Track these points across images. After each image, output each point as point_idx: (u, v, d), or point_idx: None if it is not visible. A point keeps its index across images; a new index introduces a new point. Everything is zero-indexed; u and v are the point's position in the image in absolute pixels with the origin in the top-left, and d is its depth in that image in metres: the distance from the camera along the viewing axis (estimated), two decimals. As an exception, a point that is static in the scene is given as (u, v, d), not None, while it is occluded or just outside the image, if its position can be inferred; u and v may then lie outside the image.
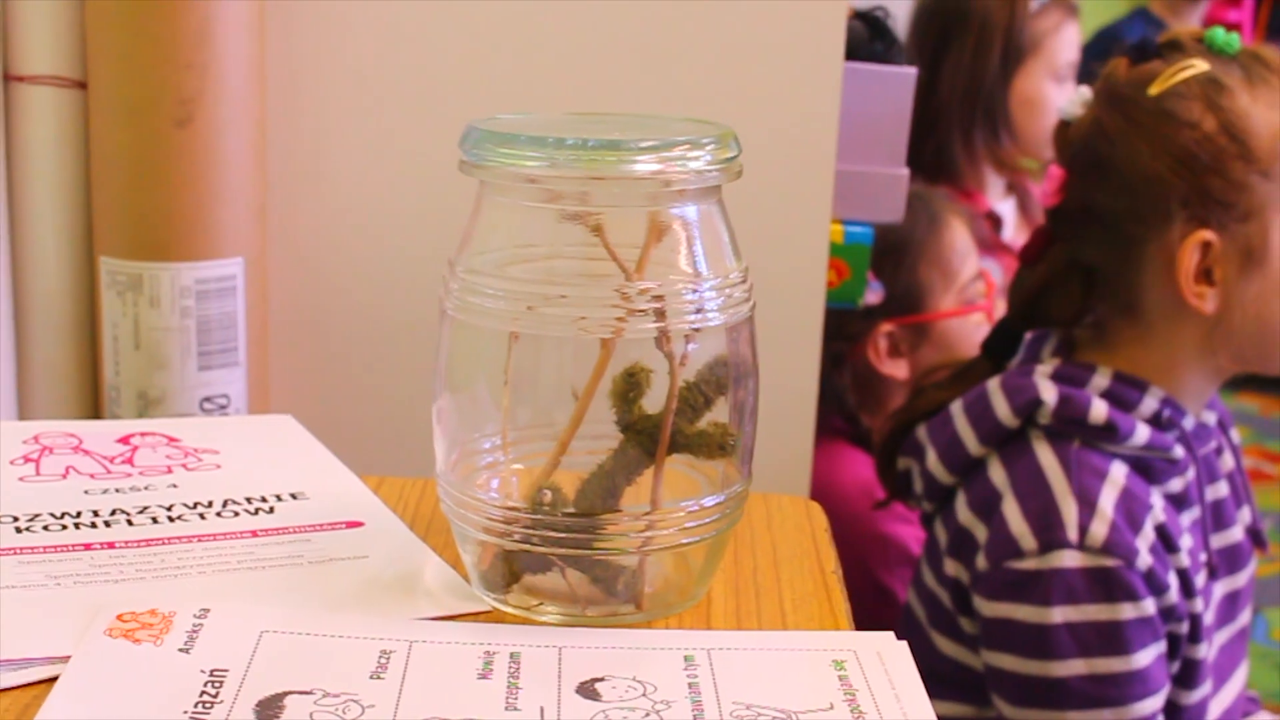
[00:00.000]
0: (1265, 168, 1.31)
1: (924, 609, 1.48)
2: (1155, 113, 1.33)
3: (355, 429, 1.31)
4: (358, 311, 1.33)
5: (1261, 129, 1.31)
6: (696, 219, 0.82)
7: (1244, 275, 1.34)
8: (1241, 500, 1.50)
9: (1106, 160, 1.36)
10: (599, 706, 0.72)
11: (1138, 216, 1.35)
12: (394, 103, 1.29)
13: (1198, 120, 1.31)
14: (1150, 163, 1.33)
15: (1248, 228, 1.32)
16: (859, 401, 1.83)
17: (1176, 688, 1.38)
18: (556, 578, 0.83)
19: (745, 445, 0.85)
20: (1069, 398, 1.35)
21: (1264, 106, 1.32)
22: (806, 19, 1.28)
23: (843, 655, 0.78)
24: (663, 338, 0.81)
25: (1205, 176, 1.31)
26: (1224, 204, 1.32)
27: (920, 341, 1.84)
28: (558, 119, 0.89)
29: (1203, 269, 1.33)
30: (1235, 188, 1.31)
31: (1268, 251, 1.33)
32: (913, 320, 1.82)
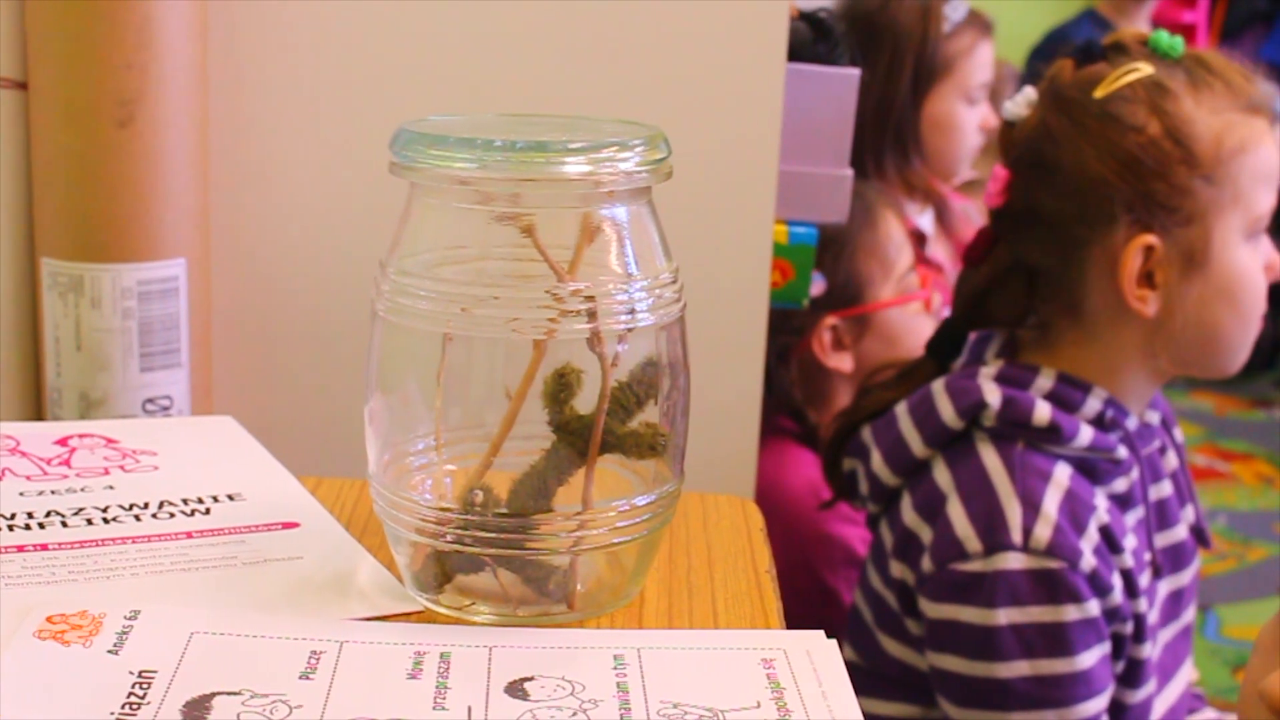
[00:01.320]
0: (1208, 172, 1.32)
1: (870, 610, 1.49)
2: (1100, 116, 1.34)
3: (299, 430, 1.31)
4: (302, 313, 1.33)
5: (1204, 133, 1.32)
6: (627, 220, 0.83)
7: (1185, 279, 1.35)
8: (1185, 499, 1.51)
9: (1051, 162, 1.37)
10: (526, 706, 0.72)
11: (1082, 219, 1.35)
12: (337, 104, 1.29)
13: (1142, 124, 1.32)
14: (1095, 165, 1.34)
15: (1190, 232, 1.33)
16: (805, 396, 1.84)
17: (1121, 687, 1.39)
18: (488, 578, 0.83)
19: (677, 445, 0.85)
20: (1013, 400, 1.35)
21: (1207, 111, 1.33)
22: (749, 20, 1.29)
23: (772, 654, 0.78)
24: (594, 338, 0.81)
25: (1149, 181, 1.32)
26: (1167, 208, 1.33)
27: (863, 333, 1.85)
28: (489, 120, 0.89)
29: (1144, 272, 1.34)
30: (1178, 192, 1.32)
31: (1209, 256, 1.34)
32: (855, 312, 1.83)
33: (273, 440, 1.09)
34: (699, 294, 1.35)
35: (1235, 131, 1.33)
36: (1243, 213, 1.35)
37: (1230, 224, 1.34)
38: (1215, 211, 1.33)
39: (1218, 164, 1.33)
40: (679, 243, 1.32)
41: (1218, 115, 1.33)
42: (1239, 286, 1.36)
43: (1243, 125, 1.34)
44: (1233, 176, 1.33)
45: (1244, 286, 1.36)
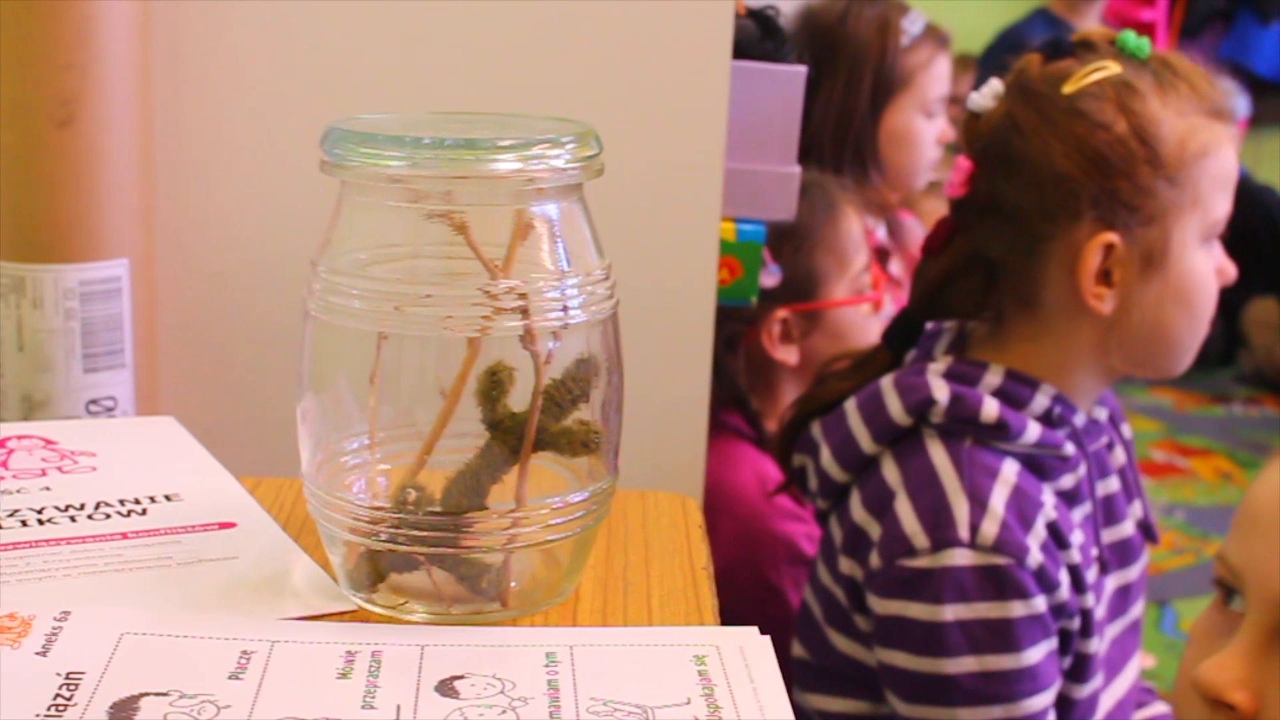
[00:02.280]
0: (1171, 174, 1.33)
1: (820, 606, 1.49)
2: (1069, 111, 1.34)
3: (245, 429, 1.30)
4: (249, 312, 1.33)
5: (1169, 135, 1.33)
6: (559, 217, 0.82)
7: (1142, 279, 1.35)
8: (1133, 495, 1.52)
9: (1017, 154, 1.36)
10: (456, 704, 0.72)
11: (1044, 213, 1.35)
12: (281, 104, 1.29)
13: (1110, 122, 1.32)
14: (1061, 161, 1.34)
15: (1150, 232, 1.34)
16: (749, 385, 1.84)
17: (1068, 682, 1.39)
18: (422, 576, 0.83)
19: (611, 442, 0.85)
20: (960, 396, 1.35)
21: (1173, 113, 1.34)
22: (694, 18, 1.29)
23: (705, 651, 0.78)
24: (527, 336, 0.81)
25: (1114, 179, 1.32)
26: (1129, 207, 1.33)
27: (812, 329, 1.85)
28: (420, 118, 0.89)
29: (1103, 270, 1.35)
30: (1141, 192, 1.33)
31: (1167, 257, 1.35)
32: (807, 307, 1.83)
33: (219, 440, 1.09)
34: (646, 292, 1.35)
35: (1199, 135, 1.34)
36: (1201, 216, 1.35)
37: (1189, 226, 1.35)
38: (1175, 213, 1.34)
39: (1181, 166, 1.33)
40: (626, 241, 1.33)
41: (1183, 118, 1.34)
42: (1193, 289, 1.36)
43: (1206, 129, 1.34)
44: (1194, 180, 1.34)
45: (1198, 289, 1.37)
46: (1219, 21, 5.41)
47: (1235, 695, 0.88)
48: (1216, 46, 5.40)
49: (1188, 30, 5.34)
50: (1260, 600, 0.89)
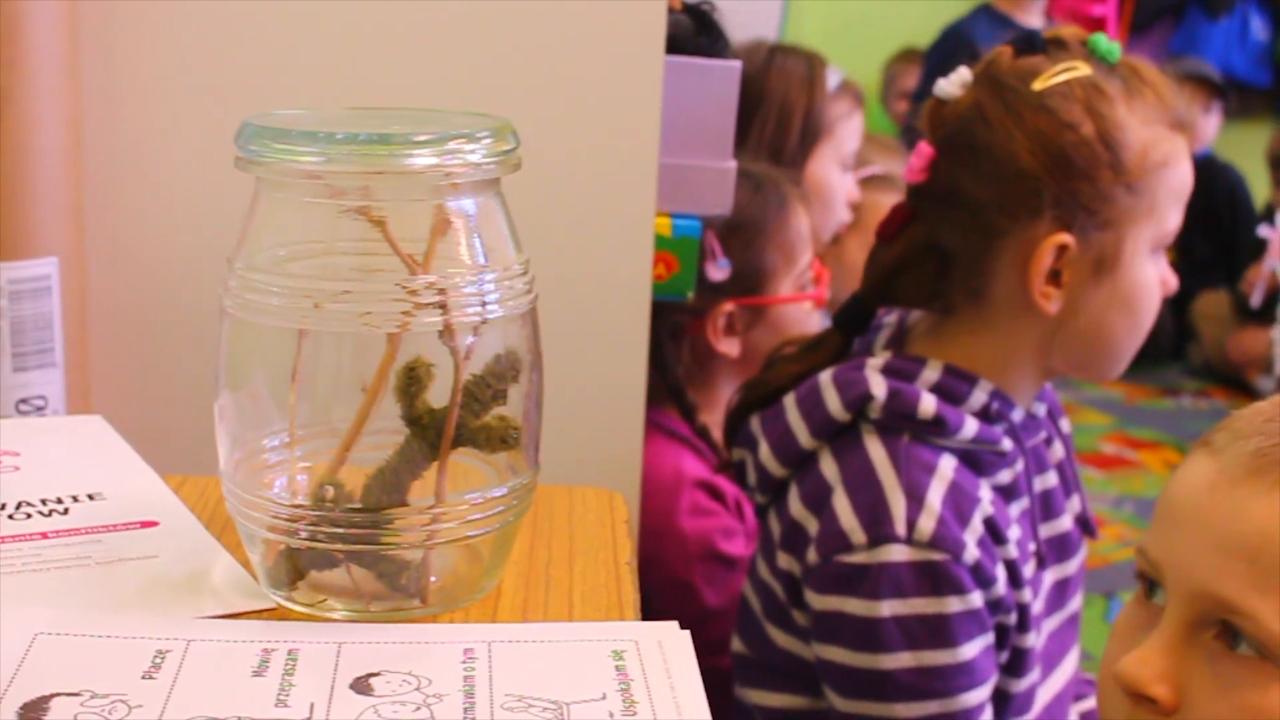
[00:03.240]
0: (1131, 181, 1.33)
1: (759, 601, 1.49)
2: (1037, 107, 1.34)
3: (177, 428, 1.30)
4: (180, 310, 1.32)
5: (1133, 142, 1.33)
6: (477, 211, 0.82)
7: (1092, 283, 1.35)
8: (1071, 489, 1.52)
9: (981, 144, 1.36)
10: (370, 701, 0.72)
11: (1002, 208, 1.35)
12: (210, 100, 1.28)
13: (1077, 123, 1.32)
14: (1025, 157, 1.33)
15: (1104, 237, 1.34)
16: (688, 377, 1.84)
17: (1005, 676, 1.40)
18: (342, 574, 0.83)
19: (531, 437, 0.85)
20: (898, 392, 1.35)
21: (1138, 121, 1.34)
22: (627, 13, 1.29)
23: (623, 646, 0.78)
24: (446, 331, 0.81)
25: (1076, 180, 1.32)
26: (1088, 210, 1.33)
27: (755, 322, 1.85)
28: (337, 114, 0.88)
29: (1053, 270, 1.35)
30: (1101, 196, 1.33)
31: (1118, 264, 1.35)
32: (754, 302, 1.83)
33: (150, 438, 1.08)
34: (582, 288, 1.35)
35: (1161, 145, 1.34)
36: (1155, 226, 1.35)
37: (1142, 235, 1.35)
38: (1131, 221, 1.34)
39: (1142, 174, 1.33)
40: (560, 236, 1.33)
41: (1147, 126, 1.34)
42: (1138, 297, 1.37)
43: (1167, 140, 1.35)
44: (1152, 189, 1.34)
45: (1143, 297, 1.37)
46: (1169, 16, 5.43)
47: (1156, 689, 0.88)
48: (1166, 41, 5.43)
49: (1138, 24, 5.36)
50: (1180, 594, 0.89)
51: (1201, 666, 0.88)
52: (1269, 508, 0.86)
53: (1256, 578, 0.85)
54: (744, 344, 1.84)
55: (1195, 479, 0.91)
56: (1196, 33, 5.35)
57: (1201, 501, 0.90)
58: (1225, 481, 0.88)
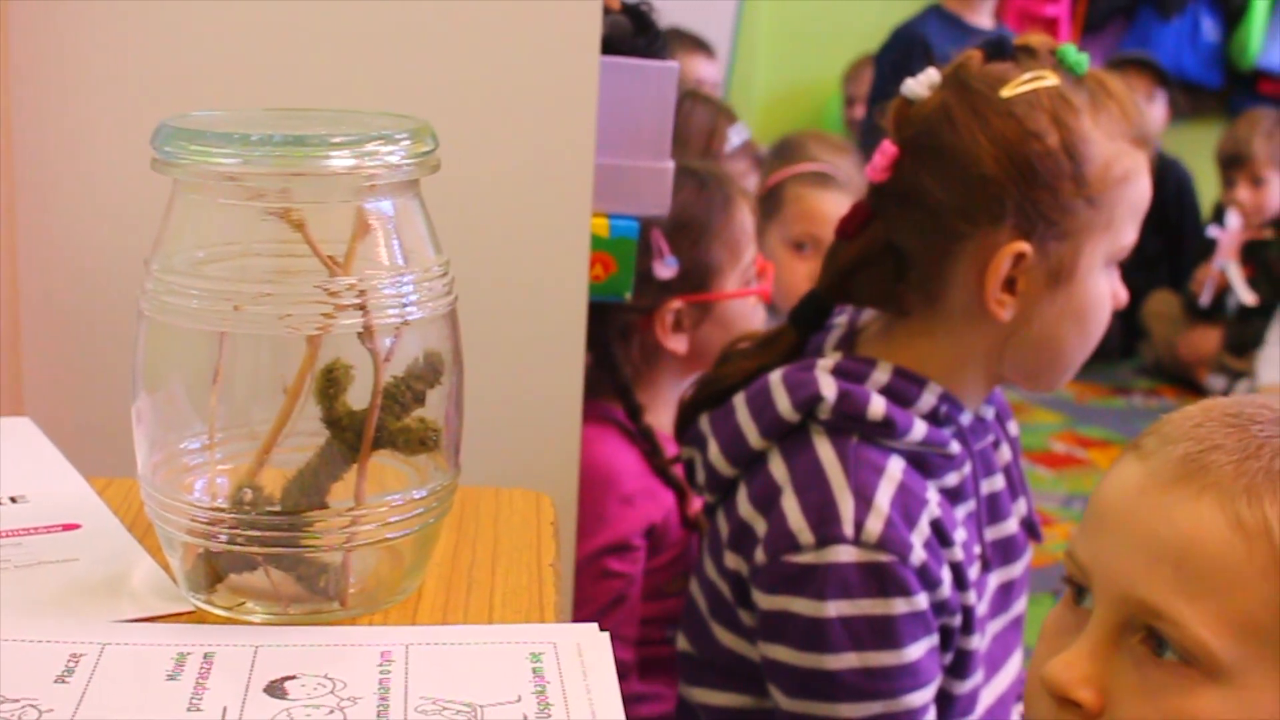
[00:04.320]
0: (1092, 194, 1.33)
1: (705, 600, 1.49)
2: (1004, 114, 1.34)
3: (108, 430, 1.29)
4: (112, 312, 1.31)
5: (1096, 155, 1.33)
6: (396, 213, 0.82)
7: (1046, 293, 1.36)
8: (1017, 493, 1.53)
9: (946, 147, 1.36)
10: (283, 705, 0.72)
11: (963, 212, 1.35)
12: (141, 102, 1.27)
13: (1043, 133, 1.32)
14: (989, 163, 1.33)
15: (1062, 248, 1.34)
16: (636, 374, 1.84)
17: (949, 678, 1.40)
18: (261, 577, 0.82)
19: (452, 439, 0.85)
20: (848, 393, 1.36)
21: (1102, 134, 1.34)
22: (563, 13, 1.29)
23: (541, 648, 0.78)
24: (366, 333, 0.80)
25: (1038, 190, 1.33)
26: (1048, 220, 1.33)
27: (703, 318, 1.85)
28: (255, 115, 0.88)
29: (1009, 278, 1.35)
30: (1061, 207, 1.33)
31: (1073, 275, 1.35)
32: (701, 298, 1.83)
33: (83, 440, 1.08)
34: (518, 289, 1.35)
35: (1123, 160, 1.34)
36: (1111, 240, 1.36)
37: (1098, 248, 1.35)
38: (1089, 233, 1.34)
39: (1103, 188, 1.33)
40: (496, 237, 1.33)
41: (1111, 140, 1.34)
42: (1090, 309, 1.37)
43: (1129, 155, 1.35)
44: (1111, 203, 1.34)
45: (1094, 310, 1.37)
46: (1121, 17, 5.46)
47: (1081, 693, 0.88)
48: (1119, 42, 5.45)
49: (1090, 25, 5.39)
50: (1106, 598, 0.90)
51: (1127, 671, 0.88)
52: (1196, 513, 0.86)
53: (1182, 583, 0.85)
54: (692, 341, 1.84)
55: (1124, 483, 0.91)
56: (1148, 33, 5.37)
57: (1129, 506, 0.90)
58: (1153, 486, 0.88)
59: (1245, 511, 0.84)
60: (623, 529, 1.71)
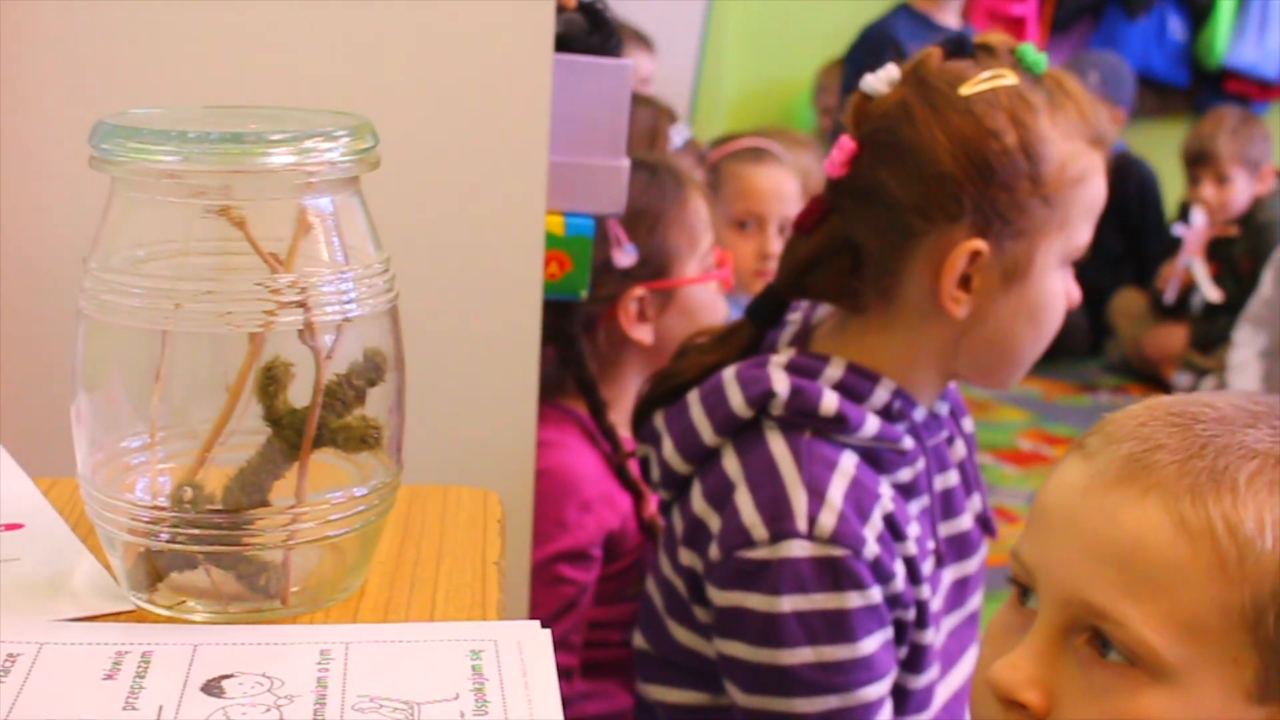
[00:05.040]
0: (1047, 193, 1.33)
1: (661, 597, 1.49)
2: (963, 112, 1.34)
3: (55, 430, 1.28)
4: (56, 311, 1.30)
5: (1053, 155, 1.33)
6: (337, 210, 0.82)
7: (1001, 291, 1.36)
8: (972, 488, 1.53)
9: (905, 144, 1.36)
10: (220, 704, 0.71)
11: (920, 209, 1.36)
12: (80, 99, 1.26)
13: (1001, 131, 1.33)
14: (947, 160, 1.34)
15: (1017, 247, 1.35)
16: (602, 367, 1.84)
17: (904, 673, 1.40)
18: (202, 575, 0.82)
19: (393, 436, 0.85)
20: (800, 389, 1.36)
21: (1060, 134, 1.34)
22: (515, 12, 1.29)
23: (482, 646, 0.78)
24: (307, 330, 0.80)
25: (995, 189, 1.33)
26: (1004, 219, 1.33)
27: (666, 306, 1.85)
28: (193, 113, 0.88)
29: (964, 275, 1.35)
30: (1017, 206, 1.33)
31: (1029, 274, 1.36)
32: (662, 285, 1.84)
33: (30, 439, 1.07)
34: (472, 287, 1.35)
35: (1079, 160, 1.35)
36: (1066, 239, 1.36)
37: (1053, 248, 1.36)
38: (1044, 232, 1.35)
39: (1059, 187, 1.34)
40: (450, 235, 1.33)
41: (1068, 140, 1.35)
42: (1044, 308, 1.38)
43: (1085, 155, 1.35)
44: (1066, 203, 1.35)
45: (1048, 309, 1.38)
46: (1088, 16, 5.48)
47: (1026, 695, 0.88)
48: (1086, 41, 5.47)
49: (1058, 24, 5.40)
50: (1051, 599, 0.89)
51: (1072, 672, 0.88)
52: (1140, 514, 0.85)
53: (1127, 584, 0.85)
54: (657, 331, 1.84)
55: (1068, 483, 0.91)
56: (1115, 32, 5.39)
57: (1074, 506, 0.89)
58: (1098, 487, 0.88)
59: (1189, 512, 0.84)
60: (580, 537, 1.71)
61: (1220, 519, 0.83)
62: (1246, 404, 0.90)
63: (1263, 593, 0.83)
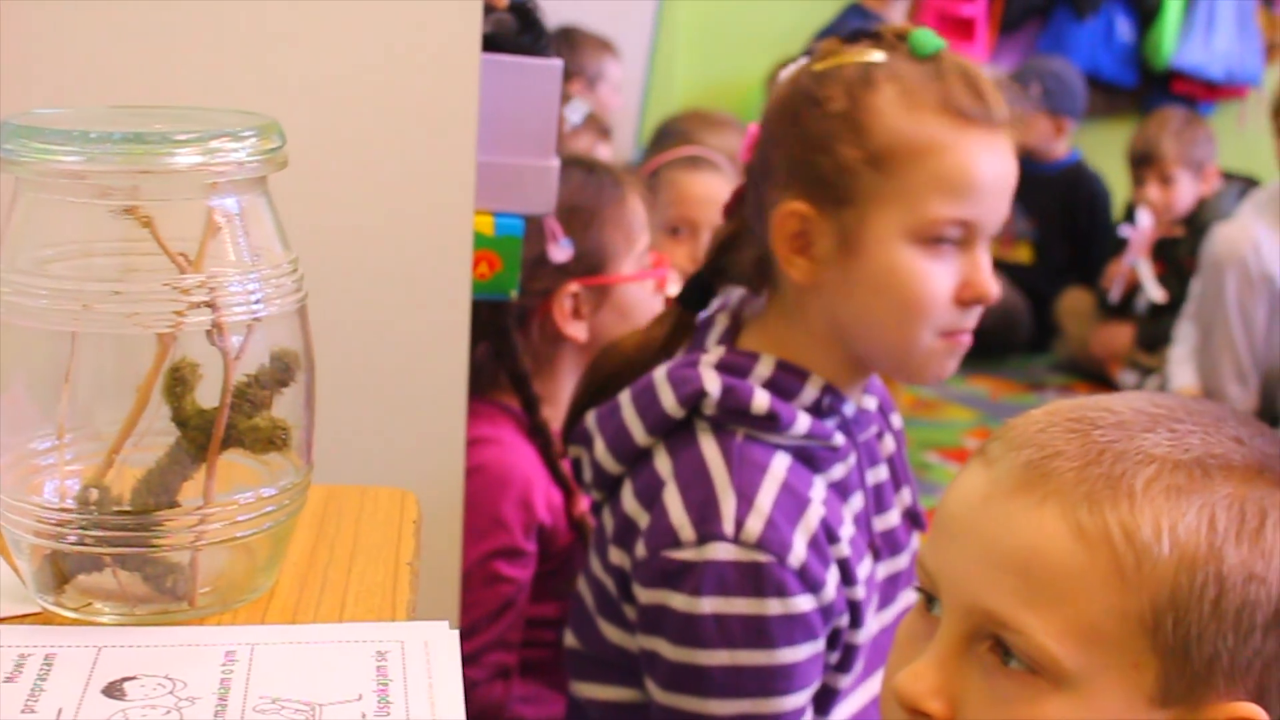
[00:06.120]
0: (878, 162, 1.34)
1: (592, 596, 1.49)
2: (803, 87, 1.37)
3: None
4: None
5: (887, 127, 1.33)
6: (245, 210, 0.82)
7: (839, 260, 1.36)
8: (900, 483, 1.54)
9: (765, 122, 1.40)
10: (120, 706, 0.71)
11: (771, 180, 1.38)
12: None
13: (825, 100, 1.34)
14: (778, 129, 1.37)
15: (847, 214, 1.35)
16: (536, 362, 1.84)
17: (834, 673, 1.41)
18: (109, 577, 0.82)
19: (303, 437, 0.85)
20: (732, 388, 1.36)
21: (901, 108, 1.34)
22: (442, 12, 1.29)
23: (388, 646, 0.78)
24: (215, 331, 0.80)
25: (813, 153, 1.35)
26: (825, 183, 1.35)
27: (601, 304, 1.85)
28: (99, 113, 0.87)
29: (798, 238, 1.37)
30: (842, 171, 1.34)
31: (864, 243, 1.35)
32: (597, 281, 1.84)
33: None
34: (400, 287, 1.35)
35: (924, 132, 1.34)
36: (907, 212, 1.35)
37: (891, 219, 1.35)
38: (878, 202, 1.34)
39: (890, 157, 1.34)
40: (378, 237, 1.33)
41: (912, 113, 1.34)
42: (891, 284, 1.36)
43: (941, 131, 1.34)
44: (903, 174, 1.34)
45: (897, 286, 1.36)
46: (1037, 17, 5.50)
47: (929, 704, 0.88)
48: (1035, 41, 5.50)
49: (1007, 25, 5.42)
50: (954, 607, 0.89)
51: (976, 680, 0.87)
52: (1038, 522, 0.85)
53: (1026, 593, 0.85)
54: (591, 328, 1.84)
55: (969, 491, 0.90)
56: (1063, 34, 5.41)
57: (974, 514, 0.89)
58: (997, 494, 0.87)
59: (1086, 519, 0.84)
60: (515, 533, 1.71)
61: (1117, 526, 0.83)
62: (1146, 407, 0.89)
63: (1161, 598, 0.83)
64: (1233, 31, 5.35)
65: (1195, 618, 0.83)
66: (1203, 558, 0.83)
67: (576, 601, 1.53)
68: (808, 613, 1.33)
